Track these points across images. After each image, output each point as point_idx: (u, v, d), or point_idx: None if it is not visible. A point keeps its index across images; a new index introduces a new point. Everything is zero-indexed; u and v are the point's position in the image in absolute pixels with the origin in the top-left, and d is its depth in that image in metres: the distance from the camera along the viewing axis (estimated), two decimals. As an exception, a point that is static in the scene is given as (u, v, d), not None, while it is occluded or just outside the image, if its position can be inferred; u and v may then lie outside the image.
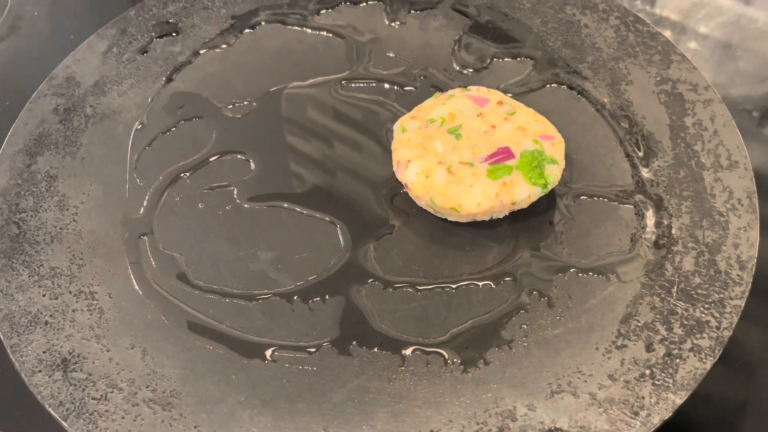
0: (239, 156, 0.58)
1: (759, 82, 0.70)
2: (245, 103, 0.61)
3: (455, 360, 0.47)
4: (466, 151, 0.52)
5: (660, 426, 0.43)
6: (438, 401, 0.45)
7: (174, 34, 0.65)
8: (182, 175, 0.57)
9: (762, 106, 0.68)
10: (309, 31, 0.66)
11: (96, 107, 0.60)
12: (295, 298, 0.50)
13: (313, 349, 0.48)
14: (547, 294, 0.50)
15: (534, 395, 0.45)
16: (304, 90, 0.62)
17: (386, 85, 0.62)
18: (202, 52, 0.64)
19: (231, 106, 0.61)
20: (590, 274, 0.50)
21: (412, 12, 0.66)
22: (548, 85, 0.61)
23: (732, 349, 0.46)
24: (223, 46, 0.65)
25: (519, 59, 0.63)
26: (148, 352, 0.47)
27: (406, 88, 0.61)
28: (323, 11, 0.67)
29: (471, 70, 0.62)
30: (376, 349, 0.48)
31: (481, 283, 0.50)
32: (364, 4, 0.67)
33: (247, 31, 0.66)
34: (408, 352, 0.48)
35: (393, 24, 0.66)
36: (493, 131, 0.53)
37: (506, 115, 0.54)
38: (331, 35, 0.65)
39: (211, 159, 0.58)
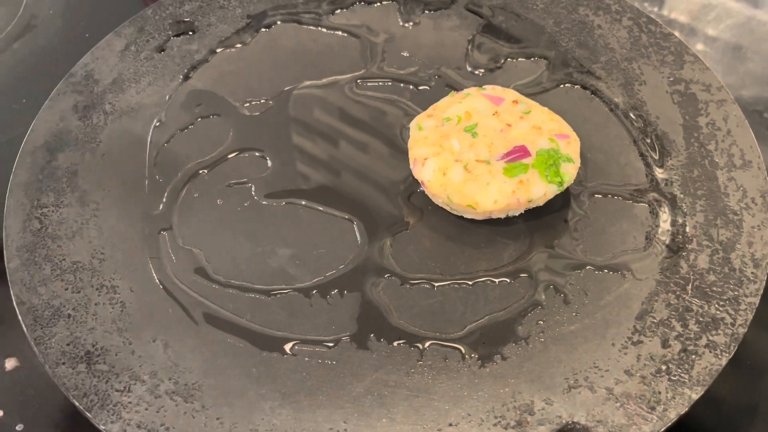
0: (256, 153, 0.59)
1: (769, 84, 0.71)
2: (261, 101, 0.62)
3: (473, 355, 0.48)
4: (482, 149, 0.53)
5: (674, 425, 0.44)
6: (456, 395, 0.46)
7: (191, 33, 0.66)
8: (201, 171, 0.57)
9: (772, 107, 0.69)
10: (324, 30, 0.66)
11: (115, 104, 0.61)
12: (314, 293, 0.51)
13: (331, 344, 0.48)
14: (563, 291, 0.50)
15: (551, 390, 0.45)
16: (320, 89, 0.63)
17: (401, 84, 0.62)
18: (218, 50, 0.65)
19: (248, 104, 0.62)
20: (605, 271, 0.51)
21: (426, 12, 0.67)
22: (562, 85, 0.61)
23: (741, 352, 0.47)
24: (239, 45, 0.66)
25: (532, 59, 0.63)
26: (170, 345, 0.48)
27: (420, 88, 0.62)
28: (338, 11, 0.67)
29: (484, 69, 0.63)
30: (394, 344, 0.48)
31: (497, 280, 0.51)
32: (378, 4, 0.68)
33: (262, 30, 0.67)
34: (426, 346, 0.48)
35: (407, 24, 0.66)
36: (508, 130, 0.54)
37: (522, 114, 0.55)
38: (345, 35, 0.66)
39: (229, 156, 0.58)
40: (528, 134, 0.53)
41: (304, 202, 0.56)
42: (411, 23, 0.66)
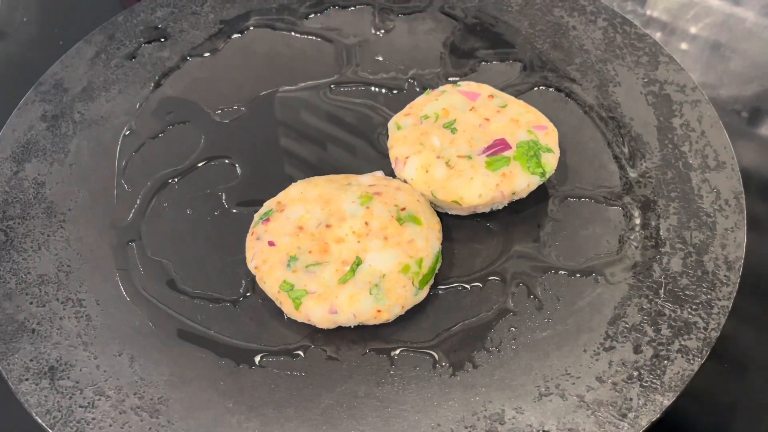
0: (227, 161, 0.58)
1: (748, 82, 0.71)
2: (234, 107, 0.61)
3: (444, 363, 0.47)
4: (463, 145, 0.52)
5: (651, 425, 0.43)
6: (426, 405, 0.45)
7: (162, 40, 0.65)
8: (170, 180, 0.57)
9: (751, 106, 0.68)
10: (297, 35, 0.66)
11: (84, 113, 0.60)
12: (284, 303, 0.50)
13: (301, 354, 0.48)
14: (536, 296, 0.50)
15: (522, 398, 0.45)
16: (294, 94, 0.62)
17: (375, 89, 0.62)
18: (190, 57, 0.64)
19: (219, 111, 0.61)
20: (578, 275, 0.50)
21: (401, 15, 0.66)
22: (536, 88, 0.61)
23: (724, 348, 0.46)
24: (210, 52, 0.65)
25: (507, 62, 0.63)
26: (136, 359, 0.47)
27: (394, 92, 0.61)
28: (312, 15, 0.67)
29: (459, 73, 0.62)
30: (364, 353, 0.48)
31: (469, 286, 0.50)
32: (353, 8, 0.67)
33: (235, 35, 0.66)
34: (396, 355, 0.48)
35: (381, 27, 0.66)
36: (487, 124, 0.53)
37: (498, 108, 0.55)
38: (319, 39, 0.65)
39: (200, 164, 0.58)
40: (506, 127, 0.53)
41: (275, 210, 0.55)
42: (385, 27, 0.65)
